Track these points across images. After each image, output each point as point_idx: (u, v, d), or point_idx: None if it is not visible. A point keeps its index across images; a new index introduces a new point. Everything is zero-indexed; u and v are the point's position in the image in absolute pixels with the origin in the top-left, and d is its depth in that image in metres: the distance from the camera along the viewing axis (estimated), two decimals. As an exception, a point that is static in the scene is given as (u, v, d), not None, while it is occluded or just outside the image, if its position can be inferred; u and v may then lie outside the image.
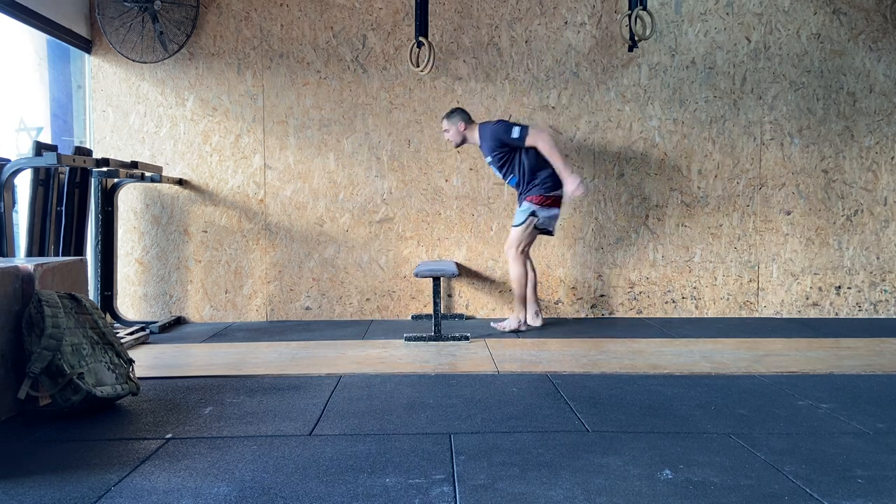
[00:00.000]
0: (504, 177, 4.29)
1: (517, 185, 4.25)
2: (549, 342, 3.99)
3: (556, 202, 4.20)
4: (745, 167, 4.86)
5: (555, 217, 4.24)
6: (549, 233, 4.31)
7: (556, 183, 4.15)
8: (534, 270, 4.46)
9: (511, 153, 4.17)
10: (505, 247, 4.33)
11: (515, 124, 4.13)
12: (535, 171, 4.16)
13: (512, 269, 4.24)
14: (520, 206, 4.25)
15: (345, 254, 4.82)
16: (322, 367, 3.38)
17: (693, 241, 4.88)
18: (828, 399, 2.77)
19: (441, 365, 3.41)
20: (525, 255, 4.25)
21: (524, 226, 4.17)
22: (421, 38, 4.53)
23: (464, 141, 4.31)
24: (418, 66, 4.60)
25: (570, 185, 4.04)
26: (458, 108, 4.34)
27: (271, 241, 4.82)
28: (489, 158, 4.26)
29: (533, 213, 4.15)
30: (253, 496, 1.84)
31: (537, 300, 4.50)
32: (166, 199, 4.78)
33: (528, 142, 4.08)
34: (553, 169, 4.14)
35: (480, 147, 4.31)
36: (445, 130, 4.32)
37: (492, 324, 4.41)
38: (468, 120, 4.29)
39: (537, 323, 4.41)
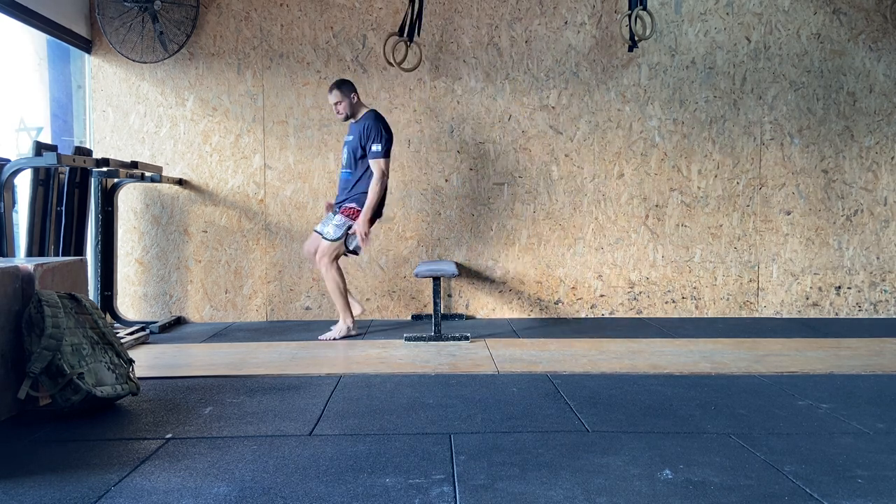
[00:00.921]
0: (345, 164, 4.15)
1: (344, 183, 4.14)
2: (549, 342, 3.99)
3: (365, 220, 4.05)
4: (745, 167, 4.86)
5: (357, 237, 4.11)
6: (356, 253, 4.20)
7: (378, 208, 4.10)
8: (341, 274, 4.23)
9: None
10: (318, 257, 4.11)
11: (385, 143, 4.00)
12: (367, 187, 4.05)
13: (328, 279, 4.11)
14: (334, 216, 4.11)
15: (345, 254, 4.82)
16: (322, 367, 3.38)
17: (693, 241, 4.88)
18: (828, 399, 2.77)
19: (441, 365, 3.41)
20: (336, 262, 4.12)
21: (339, 241, 4.06)
22: (406, 39, 4.52)
23: (352, 115, 4.13)
24: (399, 63, 4.56)
25: (358, 227, 4.00)
26: (346, 80, 4.15)
27: (271, 241, 4.82)
28: (351, 138, 4.10)
29: (349, 228, 4.06)
30: (253, 496, 1.84)
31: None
32: (166, 199, 4.78)
33: (372, 163, 4.00)
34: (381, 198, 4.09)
35: (353, 126, 4.13)
36: (337, 102, 4.08)
37: (319, 337, 4.16)
38: (357, 95, 4.13)
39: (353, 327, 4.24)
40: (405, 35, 4.54)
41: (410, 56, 4.61)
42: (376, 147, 4.00)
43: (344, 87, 4.11)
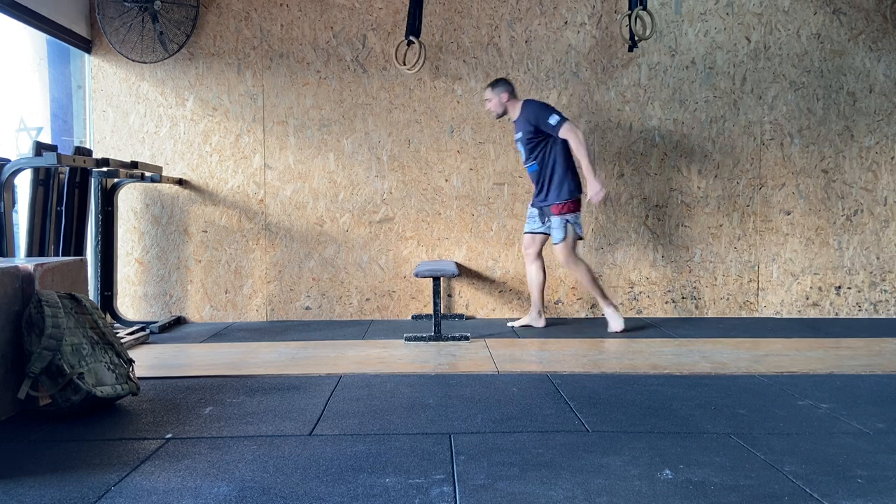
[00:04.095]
0: (526, 161, 4.27)
1: (535, 176, 4.24)
2: (549, 342, 3.99)
3: (577, 205, 4.20)
4: (745, 167, 4.86)
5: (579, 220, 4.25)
6: (581, 237, 4.34)
7: (577, 186, 4.17)
8: (543, 272, 4.39)
9: (543, 139, 4.14)
10: (561, 260, 4.25)
11: (556, 112, 4.10)
12: (559, 169, 4.14)
13: (579, 274, 4.23)
14: (549, 219, 4.21)
15: (345, 254, 4.82)
16: (322, 367, 3.38)
17: (693, 241, 4.88)
18: (828, 399, 2.77)
19: (441, 365, 3.41)
20: (575, 255, 4.23)
21: (568, 238, 4.17)
22: (412, 38, 4.53)
23: (504, 113, 4.29)
24: (405, 65, 4.59)
25: (592, 189, 4.04)
26: (503, 79, 4.32)
27: (271, 241, 4.82)
28: (520, 134, 4.23)
29: (567, 222, 4.16)
30: (253, 496, 1.84)
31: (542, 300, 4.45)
32: (166, 199, 4.78)
33: (561, 133, 4.05)
34: (574, 172, 4.16)
35: (515, 122, 4.28)
36: (487, 100, 4.29)
37: (513, 324, 4.43)
38: (512, 92, 4.28)
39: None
40: (411, 34, 4.54)
41: (410, 55, 4.61)
42: (552, 119, 4.05)
43: (497, 85, 4.28)
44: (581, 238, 4.33)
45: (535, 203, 4.30)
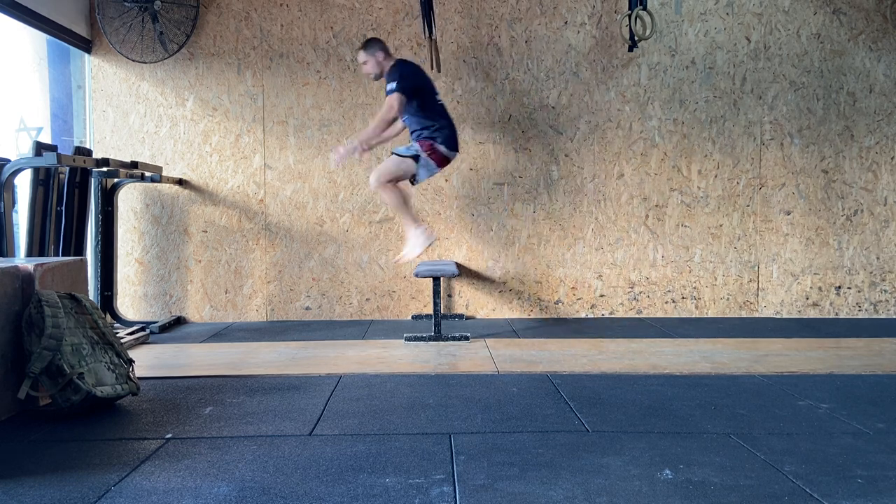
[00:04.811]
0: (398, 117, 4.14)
1: (410, 127, 4.15)
2: (549, 342, 3.99)
3: (437, 153, 4.05)
4: (745, 167, 4.86)
5: (428, 171, 4.10)
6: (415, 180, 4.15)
7: (446, 139, 4.07)
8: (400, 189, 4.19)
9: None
10: (373, 177, 4.07)
11: (398, 81, 3.96)
12: (421, 118, 4.05)
13: (385, 196, 4.09)
14: (413, 144, 4.08)
15: (345, 254, 4.82)
16: (322, 367, 3.38)
17: (693, 241, 4.88)
18: (828, 399, 2.77)
19: (441, 365, 3.41)
20: (392, 182, 4.07)
21: (401, 162, 4.03)
22: (431, 37, 4.52)
23: (382, 73, 4.14)
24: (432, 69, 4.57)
25: (348, 144, 3.97)
26: (375, 38, 4.20)
27: (271, 241, 4.82)
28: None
29: (417, 153, 4.03)
30: (253, 496, 1.84)
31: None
32: (166, 199, 4.78)
33: (386, 99, 4.00)
34: (447, 121, 4.10)
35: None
36: (364, 62, 4.13)
37: (394, 260, 4.36)
38: (387, 51, 4.15)
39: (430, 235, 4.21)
40: (429, 34, 4.52)
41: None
42: (390, 86, 4.00)
43: (370, 46, 4.12)
44: (414, 181, 4.13)
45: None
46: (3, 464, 2.11)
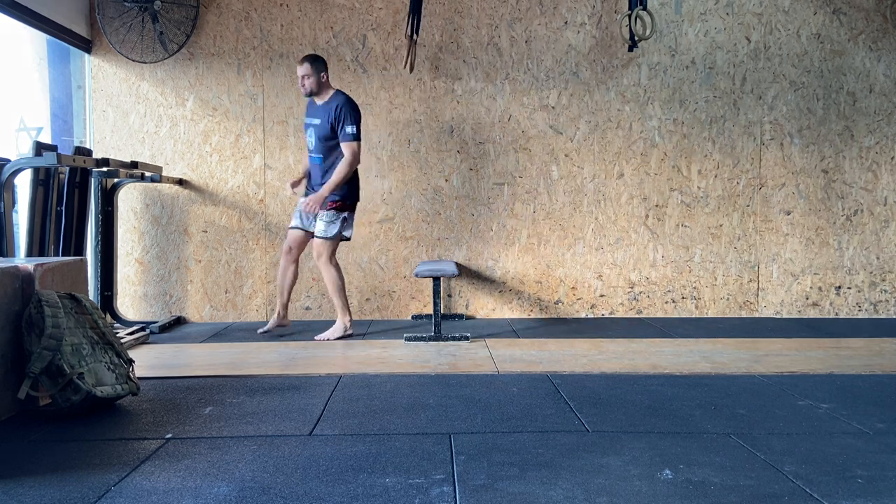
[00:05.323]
0: (313, 150, 4.08)
1: (317, 169, 4.08)
2: (549, 342, 3.99)
3: (350, 207, 4.11)
4: (745, 167, 4.86)
5: (350, 223, 4.15)
6: (348, 238, 4.22)
7: (353, 191, 4.10)
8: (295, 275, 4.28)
9: (338, 139, 4.01)
10: (315, 256, 4.12)
11: (357, 125, 3.98)
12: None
13: (327, 277, 4.10)
14: (323, 215, 4.03)
15: (345, 254, 4.82)
16: (322, 367, 3.38)
17: (693, 241, 4.88)
18: (828, 399, 2.77)
19: (441, 365, 3.41)
20: (334, 259, 4.12)
21: (335, 238, 4.07)
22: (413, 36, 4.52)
23: (316, 93, 4.04)
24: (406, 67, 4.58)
25: (316, 197, 3.96)
26: (321, 57, 4.09)
27: (271, 241, 4.82)
28: (318, 122, 4.02)
29: (339, 218, 4.05)
30: (253, 496, 1.84)
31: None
32: (166, 199, 4.78)
33: (345, 147, 3.96)
34: (356, 179, 4.12)
35: (318, 108, 4.05)
36: (305, 76, 3.99)
37: (315, 337, 4.14)
38: (328, 75, 4.07)
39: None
40: (412, 34, 4.53)
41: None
42: (350, 129, 3.95)
43: (318, 62, 4.03)
44: (347, 239, 4.20)
45: (309, 193, 4.14)
46: (3, 464, 2.11)
